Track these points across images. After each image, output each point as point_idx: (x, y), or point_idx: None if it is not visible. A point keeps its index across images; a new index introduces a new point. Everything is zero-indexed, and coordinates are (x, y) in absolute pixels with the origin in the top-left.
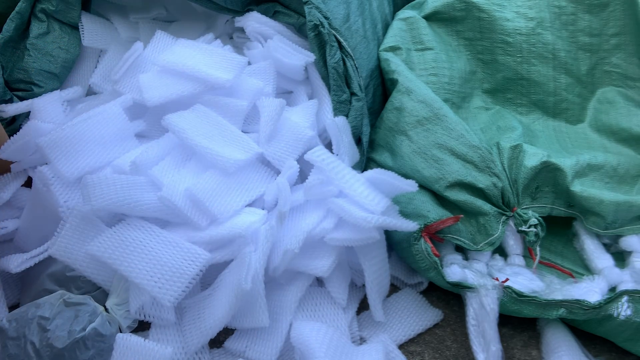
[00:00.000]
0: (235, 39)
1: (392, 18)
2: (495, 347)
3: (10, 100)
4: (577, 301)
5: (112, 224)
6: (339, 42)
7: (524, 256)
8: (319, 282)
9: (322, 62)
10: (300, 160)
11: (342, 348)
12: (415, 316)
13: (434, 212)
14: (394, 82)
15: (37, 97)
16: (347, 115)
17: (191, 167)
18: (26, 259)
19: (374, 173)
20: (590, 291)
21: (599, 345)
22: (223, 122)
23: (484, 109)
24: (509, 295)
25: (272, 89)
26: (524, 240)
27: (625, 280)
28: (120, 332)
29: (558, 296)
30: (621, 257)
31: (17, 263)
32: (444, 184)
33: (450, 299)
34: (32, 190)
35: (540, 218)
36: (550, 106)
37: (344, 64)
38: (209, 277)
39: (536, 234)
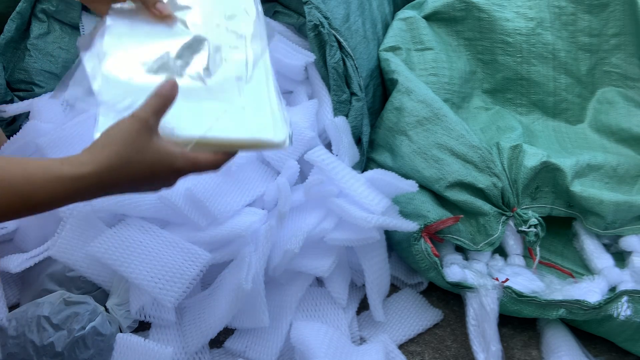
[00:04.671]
0: None
1: (392, 18)
2: (495, 347)
3: (11, 101)
4: (577, 301)
5: (113, 224)
6: (339, 42)
7: (524, 256)
8: (319, 282)
9: (322, 62)
10: (300, 160)
11: (342, 348)
12: (415, 316)
13: (434, 212)
14: (394, 82)
15: (37, 97)
16: (347, 115)
17: None
18: (26, 259)
19: (374, 173)
20: (590, 291)
21: (599, 345)
22: None
23: (483, 109)
24: (509, 296)
25: None
26: (524, 241)
27: (625, 280)
28: (121, 332)
29: (558, 296)
30: (621, 257)
31: (17, 263)
32: (444, 184)
33: (450, 299)
34: None
35: (540, 218)
36: (550, 106)
37: (344, 64)
38: (209, 277)
39: (536, 234)
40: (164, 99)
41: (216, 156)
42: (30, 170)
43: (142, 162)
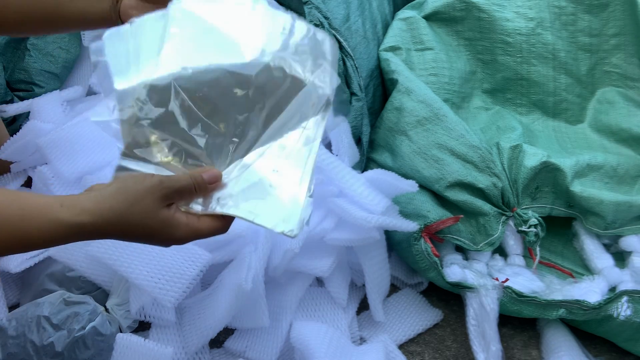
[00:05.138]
0: None
1: (392, 18)
2: (495, 347)
3: (11, 101)
4: (577, 301)
5: None
6: (339, 42)
7: (524, 256)
8: (319, 282)
9: None
10: None
11: (342, 348)
12: (415, 316)
13: (434, 212)
14: (394, 82)
15: (37, 97)
16: (347, 115)
17: None
18: (26, 259)
19: (374, 173)
20: (590, 291)
21: (599, 345)
22: None
23: (483, 109)
24: (509, 296)
25: None
26: (524, 241)
27: (625, 280)
28: (121, 332)
29: (558, 296)
30: (621, 257)
31: (17, 263)
32: (444, 184)
33: (450, 299)
34: (32, 190)
35: (540, 218)
36: (550, 106)
37: (344, 64)
38: (209, 277)
39: (536, 234)
40: (199, 186)
41: (220, 222)
42: (27, 210)
43: (143, 226)
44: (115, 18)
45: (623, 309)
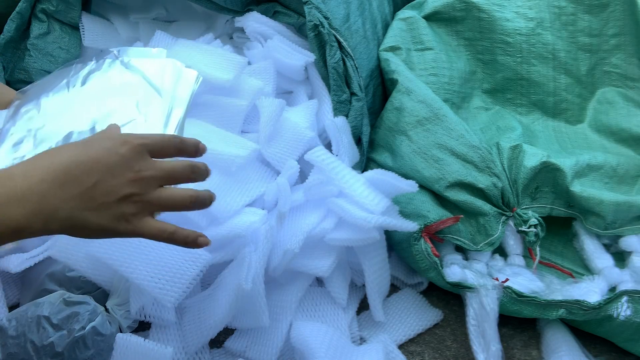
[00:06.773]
0: (235, 39)
1: (392, 18)
2: (495, 347)
3: None
4: (577, 301)
5: None
6: (339, 42)
7: (524, 256)
8: (319, 282)
9: (322, 62)
10: (300, 160)
11: (342, 348)
12: (415, 316)
13: (434, 212)
14: (394, 82)
15: None
16: (347, 115)
17: None
18: (26, 259)
19: (374, 173)
20: (590, 291)
21: (599, 345)
22: (216, 129)
23: (483, 109)
24: (509, 296)
25: (272, 89)
26: (524, 241)
27: (625, 280)
28: (121, 332)
29: (558, 296)
30: (621, 257)
31: (17, 263)
32: (444, 184)
33: (450, 299)
34: None
35: (540, 218)
36: (550, 106)
37: (344, 64)
38: (208, 277)
39: (536, 234)
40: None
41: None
42: None
43: (76, 143)
44: None
45: (623, 309)
